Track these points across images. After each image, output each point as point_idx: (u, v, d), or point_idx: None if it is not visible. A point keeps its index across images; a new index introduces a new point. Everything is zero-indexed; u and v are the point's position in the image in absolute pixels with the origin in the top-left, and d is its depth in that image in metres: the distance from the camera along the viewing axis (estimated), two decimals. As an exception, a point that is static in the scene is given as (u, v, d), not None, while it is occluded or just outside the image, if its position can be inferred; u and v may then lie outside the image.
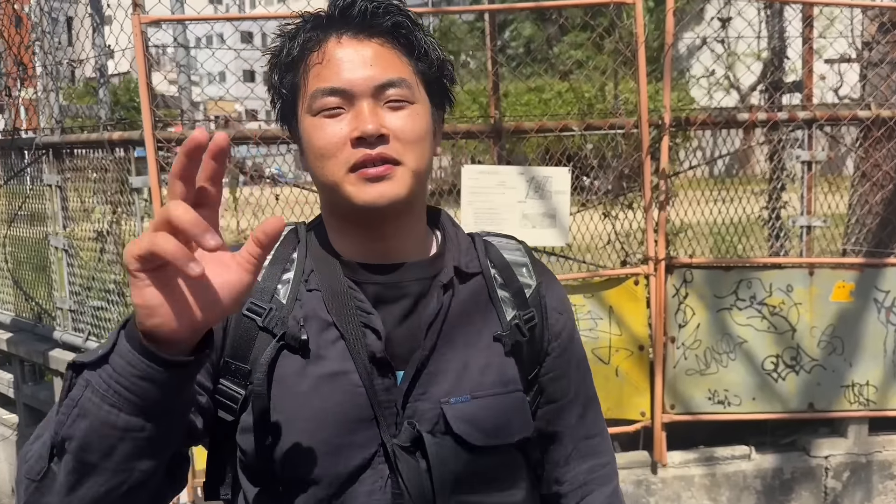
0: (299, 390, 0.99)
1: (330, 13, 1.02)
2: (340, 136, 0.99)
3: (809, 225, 4.01)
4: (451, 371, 1.03)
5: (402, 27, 1.02)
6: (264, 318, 1.01)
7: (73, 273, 4.32)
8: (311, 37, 1.02)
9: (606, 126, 3.87)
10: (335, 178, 1.00)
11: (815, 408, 3.97)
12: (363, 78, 0.99)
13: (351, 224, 1.05)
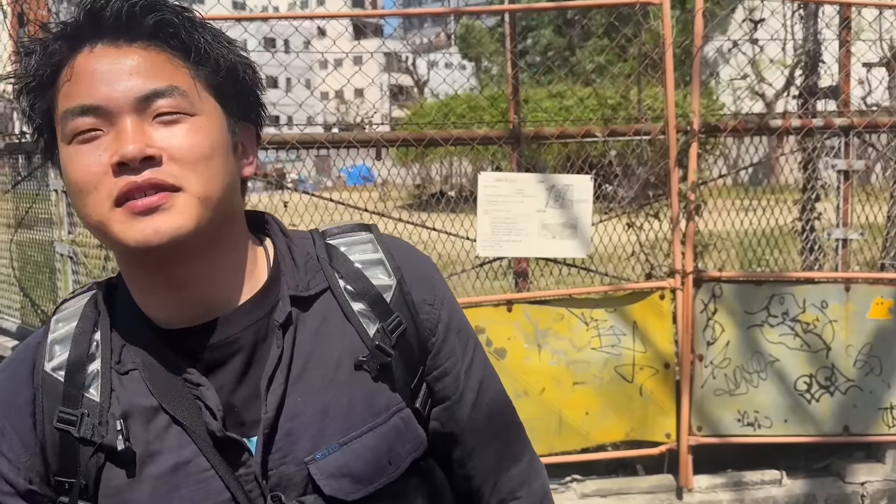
0: (139, 499, 0.86)
1: (77, 20, 0.84)
2: (99, 164, 0.81)
3: (846, 237, 3.80)
4: (310, 423, 0.89)
5: (170, 25, 0.84)
6: (77, 427, 0.86)
7: (77, 281, 4.20)
8: (57, 50, 0.83)
9: (631, 132, 3.68)
10: (99, 217, 0.82)
11: (850, 431, 3.76)
12: (122, 90, 0.81)
13: (144, 274, 0.87)
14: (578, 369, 3.66)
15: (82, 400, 0.87)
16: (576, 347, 3.65)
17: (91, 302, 0.92)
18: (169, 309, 0.88)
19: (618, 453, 3.82)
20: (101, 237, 0.85)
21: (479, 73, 26.04)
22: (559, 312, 3.63)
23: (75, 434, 0.85)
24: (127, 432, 0.86)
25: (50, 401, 0.87)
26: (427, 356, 0.98)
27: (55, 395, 0.87)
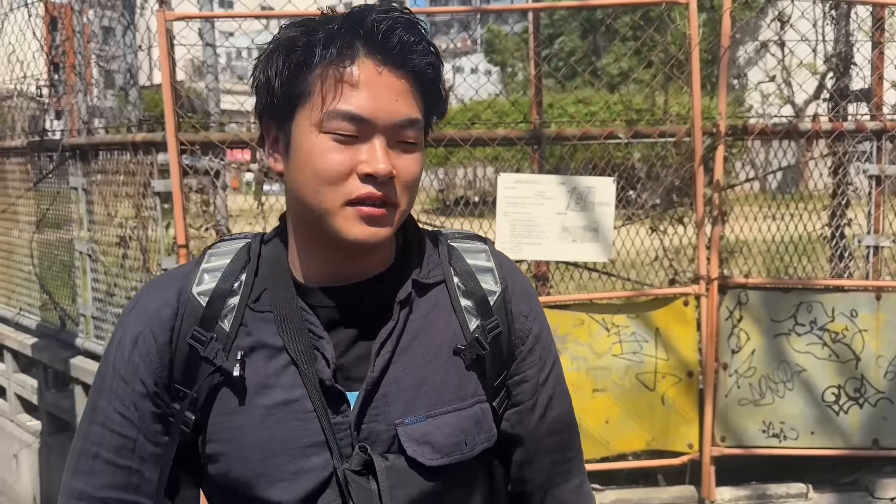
0: (246, 423, 0.99)
1: (360, 29, 0.95)
2: (347, 165, 0.94)
3: (877, 245, 3.69)
4: (405, 390, 1.01)
5: (432, 69, 0.98)
6: (205, 347, 0.99)
7: (96, 279, 4.20)
8: (340, 48, 0.94)
9: (656, 134, 3.60)
10: (328, 207, 0.95)
11: (880, 444, 3.64)
12: (388, 112, 0.95)
13: (320, 247, 1.01)
14: (599, 376, 3.58)
15: (216, 326, 1.00)
16: (596, 354, 3.57)
17: (245, 248, 1.06)
18: (323, 270, 1.03)
19: (638, 463, 3.74)
20: (314, 219, 0.98)
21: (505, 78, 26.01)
22: (579, 317, 3.56)
23: (201, 353, 1.00)
24: (244, 364, 0.99)
25: (189, 320, 1.01)
26: (513, 361, 1.09)
27: (195, 315, 1.01)
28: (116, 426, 1.03)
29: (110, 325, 4.14)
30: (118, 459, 1.03)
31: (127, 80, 4.05)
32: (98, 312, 4.22)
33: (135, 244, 3.82)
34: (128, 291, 3.94)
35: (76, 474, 1.04)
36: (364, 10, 0.96)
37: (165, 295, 1.03)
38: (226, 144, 3.33)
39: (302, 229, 1.02)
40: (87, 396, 4.30)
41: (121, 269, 3.97)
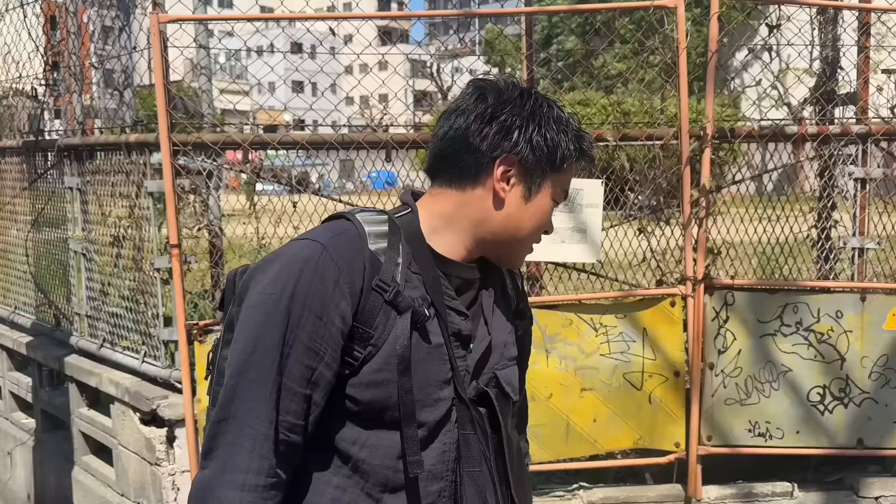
0: (417, 357, 1.25)
1: (592, 157, 1.39)
2: (547, 224, 1.38)
3: (862, 247, 3.73)
4: (497, 347, 1.37)
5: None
6: (389, 294, 1.23)
7: (90, 278, 4.23)
8: (586, 157, 1.36)
9: (644, 137, 3.65)
10: (525, 242, 1.38)
11: (864, 444, 3.68)
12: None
13: (473, 244, 1.33)
14: (587, 375, 3.62)
15: (392, 278, 1.24)
16: (584, 353, 3.61)
17: (392, 222, 1.29)
18: (457, 254, 1.33)
19: (626, 461, 3.78)
20: (502, 241, 1.33)
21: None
22: (568, 317, 3.60)
23: (388, 298, 1.22)
24: (423, 314, 1.25)
25: (372, 271, 1.23)
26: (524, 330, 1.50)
27: (376, 268, 1.23)
28: (300, 356, 1.19)
29: (104, 323, 4.18)
30: (297, 387, 1.19)
31: (122, 81, 4.08)
32: (92, 311, 4.25)
33: (128, 244, 3.86)
34: (121, 291, 3.98)
35: (257, 400, 1.18)
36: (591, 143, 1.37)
37: (354, 249, 1.24)
38: (218, 145, 3.37)
39: (468, 230, 1.32)
40: (80, 395, 4.34)
41: (115, 269, 4.00)
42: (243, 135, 3.40)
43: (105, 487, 4.13)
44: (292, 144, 3.45)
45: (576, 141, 1.33)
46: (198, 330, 3.35)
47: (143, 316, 3.80)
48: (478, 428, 1.31)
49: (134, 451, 3.81)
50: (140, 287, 3.78)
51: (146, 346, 3.79)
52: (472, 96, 1.30)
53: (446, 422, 1.28)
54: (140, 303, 3.79)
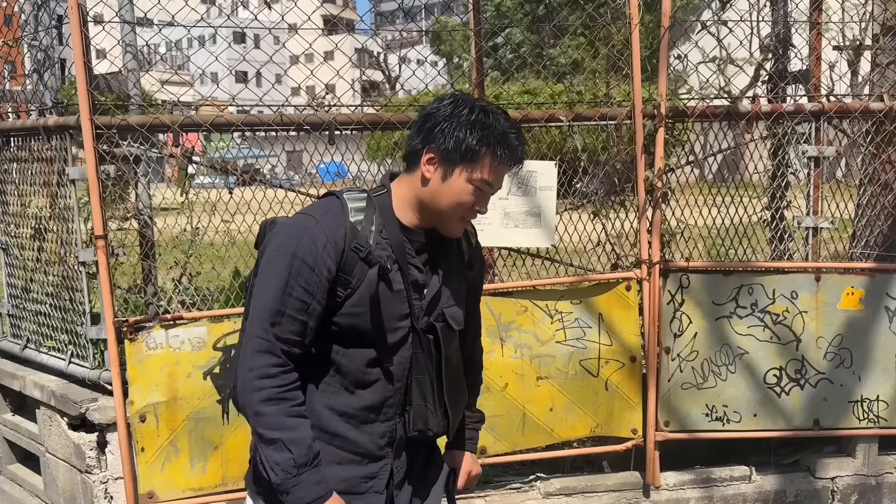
0: (385, 298, 1.75)
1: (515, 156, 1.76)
2: (471, 204, 1.76)
3: (816, 226, 3.69)
4: (447, 292, 1.84)
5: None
6: (363, 253, 1.72)
7: (11, 274, 3.94)
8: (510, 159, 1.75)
9: (597, 117, 3.53)
10: (451, 215, 1.78)
11: (820, 425, 3.66)
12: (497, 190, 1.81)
13: (423, 214, 1.80)
14: (542, 363, 3.51)
15: (366, 242, 1.73)
16: (540, 341, 3.49)
17: (367, 198, 1.78)
18: (415, 223, 1.80)
19: (583, 450, 3.69)
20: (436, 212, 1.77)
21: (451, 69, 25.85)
22: (523, 304, 3.48)
23: (360, 255, 1.71)
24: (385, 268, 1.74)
25: (351, 236, 1.72)
26: (473, 280, 1.97)
27: (355, 234, 1.72)
28: (299, 294, 1.69)
29: (28, 322, 3.89)
30: (297, 315, 1.70)
31: (41, 61, 3.79)
32: (14, 310, 3.96)
33: (52, 236, 3.58)
34: (45, 287, 3.70)
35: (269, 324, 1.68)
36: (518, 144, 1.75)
37: (338, 220, 1.73)
38: (145, 127, 3.12)
39: (418, 205, 1.78)
40: (3, 400, 4.04)
41: (37, 264, 3.72)
42: (173, 116, 3.16)
43: (33, 497, 3.86)
44: (227, 126, 3.22)
45: (483, 139, 1.70)
46: (128, 327, 3.12)
47: (69, 314, 3.53)
48: (425, 349, 1.82)
49: (63, 458, 3.55)
50: (65, 283, 3.51)
51: (73, 346, 3.53)
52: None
53: (404, 343, 1.80)
54: (65, 299, 3.52)
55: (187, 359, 3.19)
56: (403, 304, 1.77)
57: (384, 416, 1.81)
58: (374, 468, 1.81)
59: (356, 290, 1.71)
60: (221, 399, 3.23)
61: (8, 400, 4.04)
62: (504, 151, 1.71)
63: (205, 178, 4.16)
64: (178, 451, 3.22)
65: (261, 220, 3.52)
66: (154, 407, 3.17)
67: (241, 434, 3.25)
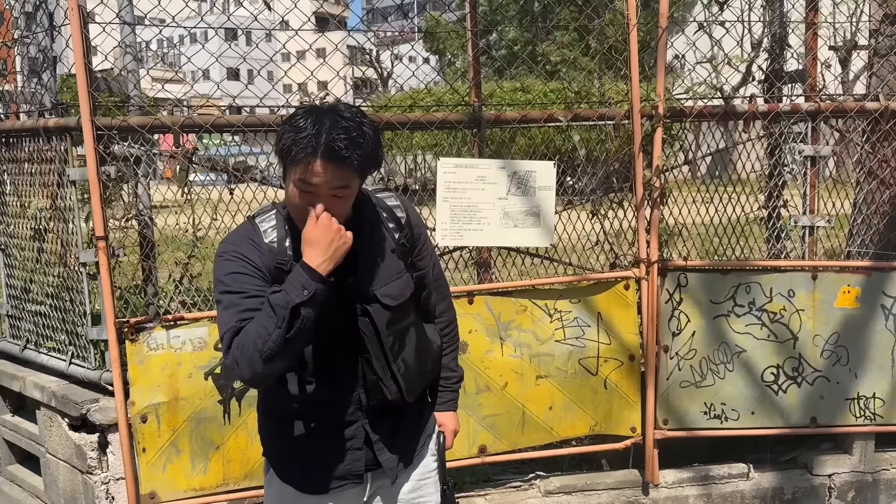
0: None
1: (316, 147, 1.79)
2: (302, 205, 1.85)
3: (812, 225, 3.72)
4: (377, 274, 1.98)
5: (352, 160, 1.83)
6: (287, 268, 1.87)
7: (11, 275, 3.94)
8: (307, 154, 1.79)
9: (595, 116, 3.55)
10: (299, 218, 1.89)
11: (817, 422, 3.69)
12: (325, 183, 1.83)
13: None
14: (542, 362, 3.53)
15: (286, 256, 1.89)
16: (539, 340, 3.51)
17: (279, 214, 1.94)
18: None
19: (582, 448, 3.71)
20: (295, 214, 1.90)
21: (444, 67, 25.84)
22: (522, 304, 3.49)
23: (286, 270, 1.86)
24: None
25: (269, 256, 1.89)
26: (415, 250, 2.10)
27: (273, 253, 1.90)
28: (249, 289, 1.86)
29: (28, 323, 3.89)
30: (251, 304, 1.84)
31: (40, 63, 3.79)
32: (14, 311, 3.96)
33: (52, 237, 3.58)
34: (45, 288, 3.70)
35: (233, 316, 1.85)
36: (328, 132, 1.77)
37: (254, 244, 1.90)
38: (146, 129, 3.13)
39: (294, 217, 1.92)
40: (3, 400, 4.05)
41: (37, 265, 3.72)
42: (173, 117, 3.16)
43: (33, 498, 3.86)
44: (227, 127, 3.23)
45: (291, 141, 1.78)
46: (129, 328, 3.13)
47: (69, 314, 3.53)
48: (365, 330, 1.97)
49: (63, 458, 3.55)
50: (65, 283, 3.52)
51: (74, 347, 3.54)
52: None
53: (345, 329, 1.97)
54: (66, 300, 3.53)
55: (188, 359, 3.20)
56: (333, 297, 1.85)
57: (347, 390, 2.01)
58: (350, 431, 2.03)
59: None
60: (223, 399, 3.24)
61: (7, 401, 4.04)
62: (304, 152, 1.75)
63: (198, 175, 4.16)
64: (180, 452, 3.22)
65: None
66: (155, 407, 3.17)
67: (243, 434, 3.26)
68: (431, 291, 2.18)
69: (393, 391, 2.01)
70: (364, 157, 1.80)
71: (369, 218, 2.00)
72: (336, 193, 1.81)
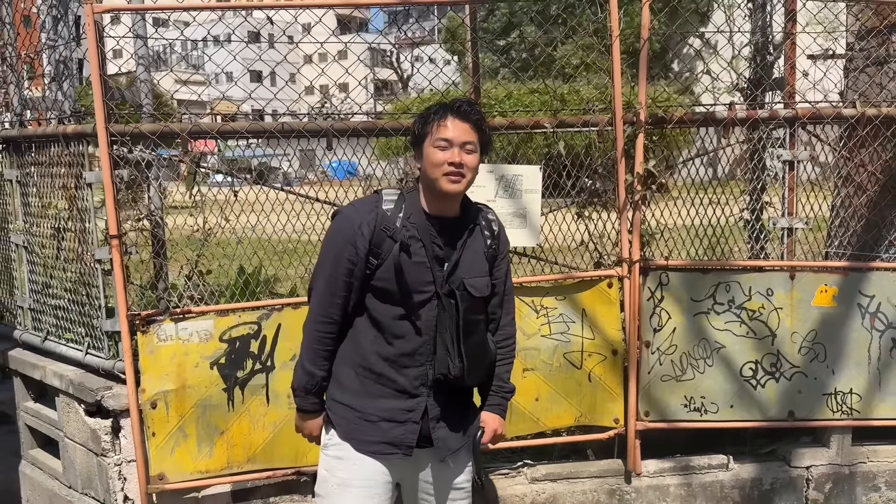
0: (407, 267, 2.27)
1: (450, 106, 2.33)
2: (444, 158, 2.27)
3: (791, 227, 3.87)
4: (466, 265, 2.35)
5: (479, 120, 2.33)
6: (389, 233, 2.27)
7: (33, 271, 4.20)
8: (441, 115, 2.30)
9: (580, 123, 3.73)
10: (437, 177, 2.29)
11: (795, 416, 3.84)
12: (460, 138, 2.29)
13: (433, 198, 2.33)
14: (528, 356, 3.71)
15: (393, 225, 2.28)
16: (526, 335, 3.70)
17: (400, 195, 2.34)
18: (436, 209, 2.33)
19: (566, 438, 3.88)
20: (432, 182, 2.29)
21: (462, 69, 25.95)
22: (509, 300, 3.68)
23: (389, 234, 2.27)
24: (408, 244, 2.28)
25: (381, 221, 2.27)
26: (496, 260, 2.46)
27: (384, 218, 2.28)
28: (346, 264, 2.27)
29: (49, 316, 4.15)
30: (347, 279, 2.28)
31: (60, 72, 4.04)
32: (35, 304, 4.22)
33: (70, 235, 3.84)
34: (64, 283, 3.96)
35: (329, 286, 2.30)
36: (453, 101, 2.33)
37: (368, 208, 2.30)
38: (156, 135, 3.36)
39: (427, 191, 2.32)
40: (26, 388, 4.32)
41: (57, 261, 3.98)
42: (182, 124, 3.40)
43: (53, 480, 4.12)
44: (232, 134, 3.46)
45: (423, 119, 2.32)
46: (140, 320, 3.36)
47: (86, 308, 3.78)
48: (447, 310, 2.29)
49: (80, 442, 3.81)
50: (82, 279, 3.77)
51: (90, 338, 3.79)
52: None
53: (428, 303, 2.30)
54: (83, 294, 3.78)
55: (195, 350, 3.43)
56: (427, 272, 2.27)
57: (417, 362, 2.32)
58: (411, 403, 2.33)
59: (385, 260, 2.24)
60: (227, 388, 3.47)
61: (30, 389, 4.30)
62: (437, 115, 2.27)
63: (218, 176, 4.39)
64: (187, 436, 3.45)
65: (268, 218, 3.77)
66: (164, 395, 3.41)
67: (245, 421, 3.48)
68: (501, 301, 2.49)
69: (457, 368, 2.29)
70: (482, 121, 2.30)
71: (472, 219, 2.39)
72: (466, 149, 2.25)
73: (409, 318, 2.29)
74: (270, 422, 3.49)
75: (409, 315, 2.29)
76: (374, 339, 2.32)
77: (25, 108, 4.26)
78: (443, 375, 2.30)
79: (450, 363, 2.29)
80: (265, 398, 3.48)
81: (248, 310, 3.48)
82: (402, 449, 2.33)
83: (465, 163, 2.25)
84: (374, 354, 2.31)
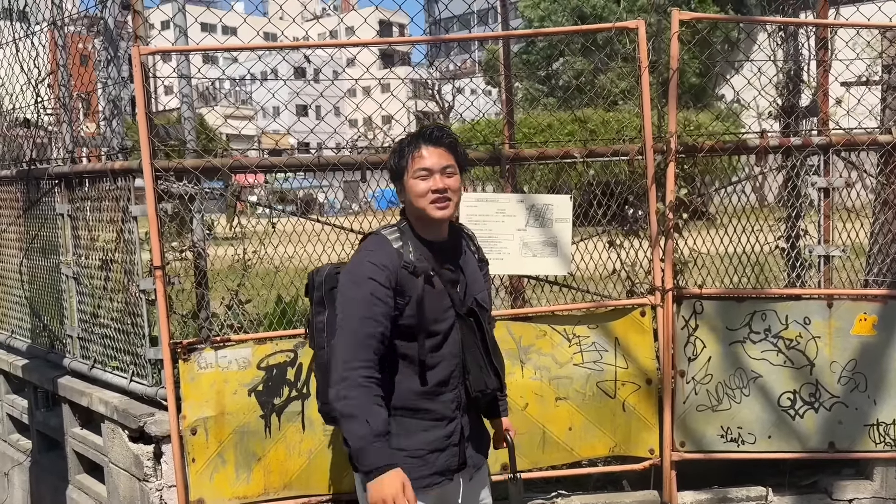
0: (430, 297, 2.34)
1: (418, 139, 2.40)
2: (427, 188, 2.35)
3: (827, 254, 3.83)
4: (472, 282, 2.46)
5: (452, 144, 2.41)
6: (410, 269, 2.32)
7: (82, 301, 4.36)
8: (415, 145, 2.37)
9: (610, 153, 3.77)
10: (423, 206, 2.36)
11: (836, 447, 3.76)
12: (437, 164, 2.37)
13: (424, 226, 2.40)
14: (561, 385, 3.72)
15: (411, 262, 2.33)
16: (558, 363, 3.71)
17: (398, 229, 2.39)
18: (430, 233, 2.40)
19: (600, 468, 3.86)
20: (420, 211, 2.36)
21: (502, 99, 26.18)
22: (542, 329, 3.71)
23: (410, 271, 2.32)
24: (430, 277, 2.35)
25: (398, 261, 2.31)
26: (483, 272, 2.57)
27: (400, 256, 2.33)
28: (380, 306, 2.27)
29: (97, 345, 4.30)
30: (382, 319, 2.27)
31: (110, 111, 4.23)
32: (84, 333, 4.38)
33: (117, 267, 3.99)
34: (111, 313, 4.10)
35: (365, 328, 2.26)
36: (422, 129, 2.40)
37: (387, 249, 2.33)
38: (198, 170, 3.50)
39: (417, 219, 2.39)
40: (73, 415, 4.46)
41: (104, 292, 4.13)
42: (223, 160, 3.54)
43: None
44: (270, 168, 3.58)
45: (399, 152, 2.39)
46: (182, 349, 3.47)
47: (131, 336, 3.92)
48: (469, 328, 2.38)
49: (123, 467, 3.92)
50: (127, 308, 3.91)
51: (134, 366, 3.92)
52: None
53: (453, 328, 2.38)
54: (128, 324, 3.91)
55: (234, 377, 3.52)
56: (446, 298, 2.35)
57: (451, 387, 2.39)
58: (450, 427, 2.40)
59: (411, 297, 2.29)
60: (264, 415, 3.55)
61: (77, 415, 4.45)
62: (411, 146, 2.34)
63: (264, 209, 4.53)
64: (225, 462, 3.53)
65: (304, 248, 3.87)
66: (204, 421, 3.50)
67: (282, 447, 3.55)
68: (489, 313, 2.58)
69: (493, 383, 2.39)
70: (455, 142, 2.36)
71: (459, 238, 2.51)
72: (446, 173, 2.32)
73: (438, 348, 2.35)
74: (306, 448, 3.55)
75: (439, 344, 2.35)
76: (404, 377, 2.35)
77: (77, 145, 4.46)
78: (480, 392, 2.38)
79: (486, 380, 2.37)
80: (301, 425, 3.55)
81: (285, 338, 3.57)
82: (446, 476, 2.39)
83: (448, 186, 2.32)
84: (406, 391, 2.35)
